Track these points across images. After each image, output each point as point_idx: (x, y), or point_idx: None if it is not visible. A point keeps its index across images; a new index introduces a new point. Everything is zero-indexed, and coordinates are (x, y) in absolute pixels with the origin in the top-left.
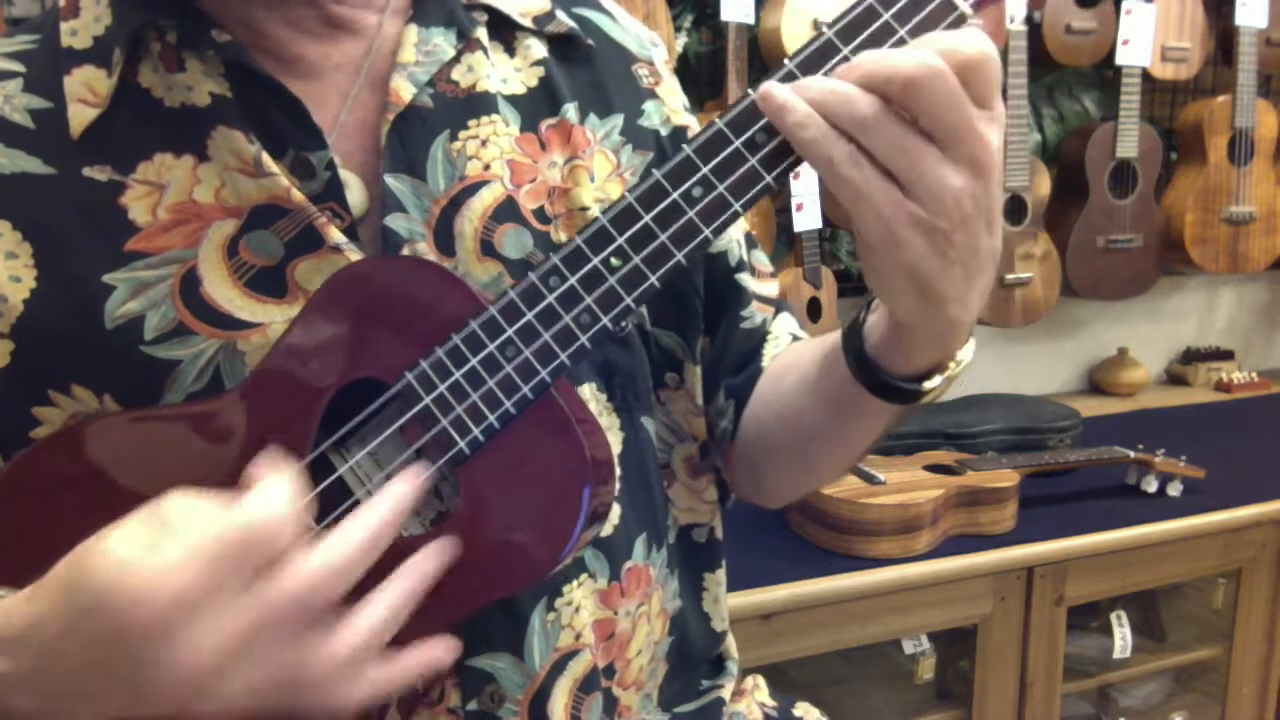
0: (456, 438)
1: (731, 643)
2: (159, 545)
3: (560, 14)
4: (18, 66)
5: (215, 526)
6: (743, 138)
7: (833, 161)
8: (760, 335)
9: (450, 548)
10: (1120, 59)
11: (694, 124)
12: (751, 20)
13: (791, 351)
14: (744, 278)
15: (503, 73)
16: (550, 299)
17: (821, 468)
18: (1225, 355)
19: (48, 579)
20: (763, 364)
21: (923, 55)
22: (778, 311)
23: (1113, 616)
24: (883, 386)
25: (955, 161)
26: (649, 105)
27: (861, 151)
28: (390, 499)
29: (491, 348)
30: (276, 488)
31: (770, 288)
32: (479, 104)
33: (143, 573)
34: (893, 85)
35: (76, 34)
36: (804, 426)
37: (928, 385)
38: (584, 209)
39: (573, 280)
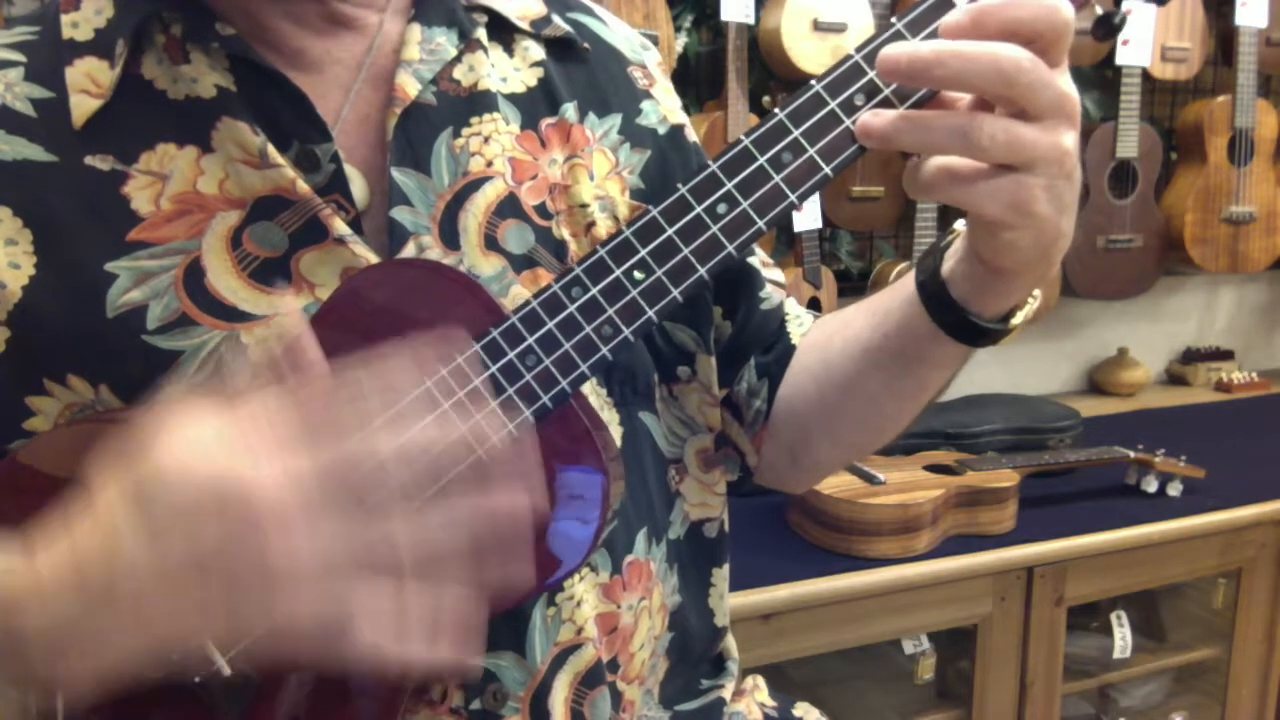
0: (474, 445)
1: (732, 642)
2: (274, 451)
3: (556, 18)
4: (19, 56)
5: (339, 448)
6: (768, 155)
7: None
8: (779, 315)
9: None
10: (1120, 59)
11: (689, 122)
12: (751, 20)
13: (829, 322)
14: (755, 261)
15: (502, 72)
16: (572, 309)
17: (886, 426)
18: (1225, 355)
19: (114, 495)
20: (792, 342)
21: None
22: (785, 296)
23: (1113, 616)
24: (972, 330)
25: (1067, 126)
26: (646, 105)
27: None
28: (517, 500)
29: (511, 355)
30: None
31: (776, 274)
32: (480, 102)
33: (264, 469)
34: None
35: (78, 26)
36: (867, 390)
37: (1015, 321)
38: (584, 206)
39: (594, 291)
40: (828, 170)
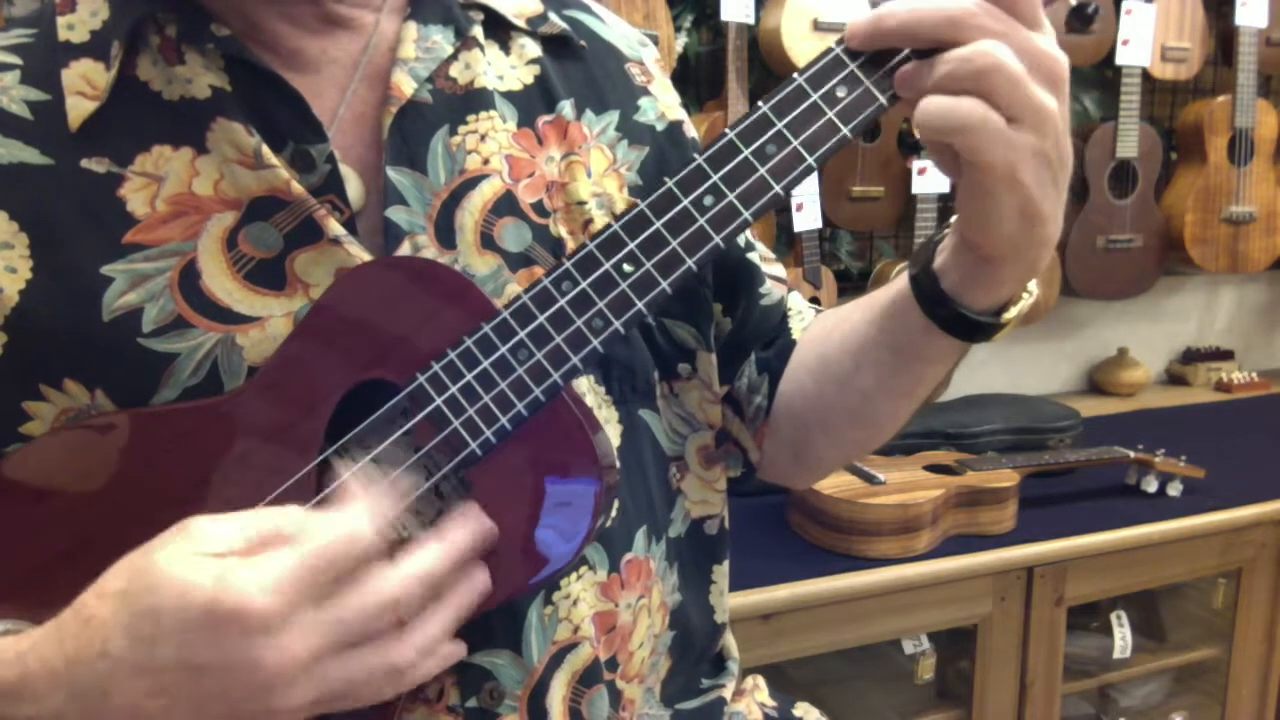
0: (468, 439)
1: (732, 641)
2: (252, 560)
3: (553, 16)
4: (15, 59)
5: (310, 542)
6: (752, 147)
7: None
8: (781, 310)
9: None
10: (1120, 59)
11: (687, 118)
12: (751, 20)
13: (828, 318)
14: (754, 257)
15: (499, 70)
16: (562, 302)
17: (884, 422)
18: (1225, 355)
19: (100, 602)
20: (793, 337)
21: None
22: (788, 291)
23: (1113, 616)
24: (964, 324)
25: (1044, 84)
26: (644, 102)
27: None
28: (477, 527)
29: (504, 350)
30: (363, 509)
31: (778, 269)
32: (477, 100)
33: (243, 578)
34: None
35: (74, 28)
36: (863, 385)
37: (1008, 316)
38: (581, 203)
39: (584, 285)
40: (811, 161)
